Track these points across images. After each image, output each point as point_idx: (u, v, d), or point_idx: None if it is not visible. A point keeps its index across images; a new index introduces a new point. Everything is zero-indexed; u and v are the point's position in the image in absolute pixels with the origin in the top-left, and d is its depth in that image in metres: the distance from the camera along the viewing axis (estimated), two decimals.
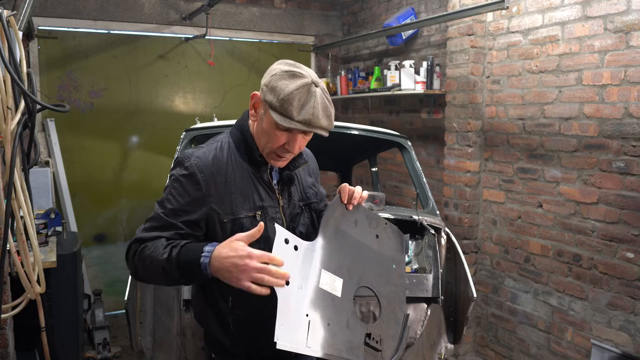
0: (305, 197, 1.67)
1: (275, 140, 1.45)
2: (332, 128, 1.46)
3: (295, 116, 1.37)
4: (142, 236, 1.44)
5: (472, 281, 2.43)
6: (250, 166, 1.53)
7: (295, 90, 1.37)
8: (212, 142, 1.55)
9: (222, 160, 1.49)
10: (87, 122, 4.44)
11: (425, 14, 4.15)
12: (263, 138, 1.48)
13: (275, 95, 1.38)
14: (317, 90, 1.40)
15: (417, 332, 2.42)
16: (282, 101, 1.37)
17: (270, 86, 1.40)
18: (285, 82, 1.39)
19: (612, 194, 2.81)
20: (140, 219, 4.77)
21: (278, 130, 1.43)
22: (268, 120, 1.43)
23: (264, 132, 1.47)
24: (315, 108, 1.38)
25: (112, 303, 4.32)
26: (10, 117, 1.77)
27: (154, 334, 2.36)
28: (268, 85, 1.42)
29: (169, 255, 1.35)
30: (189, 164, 1.46)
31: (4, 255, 1.77)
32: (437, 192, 3.92)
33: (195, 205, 1.45)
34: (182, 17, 4.60)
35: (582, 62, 2.91)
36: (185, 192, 1.45)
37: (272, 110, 1.39)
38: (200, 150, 1.51)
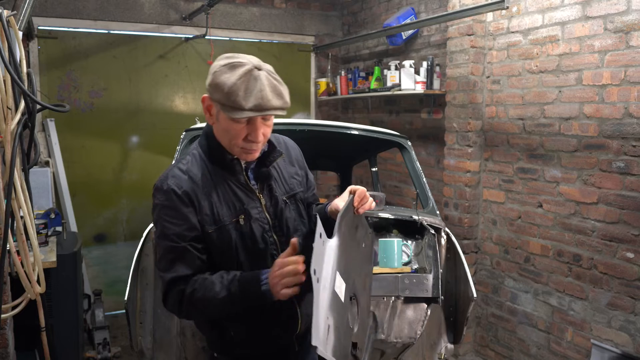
0: (288, 189, 1.63)
1: (236, 134, 1.44)
2: (288, 105, 1.44)
3: (245, 105, 1.35)
4: (172, 277, 1.44)
5: (472, 281, 2.43)
6: (225, 171, 1.51)
7: (237, 80, 1.36)
8: (183, 157, 1.55)
9: (197, 174, 1.49)
10: (87, 122, 4.44)
11: (425, 14, 4.15)
12: (225, 137, 1.47)
13: (221, 91, 1.37)
14: (261, 73, 1.38)
15: (417, 332, 2.42)
16: (228, 94, 1.35)
17: (214, 84, 1.39)
18: (226, 76, 1.37)
19: (612, 194, 2.81)
20: (140, 219, 4.80)
21: (235, 124, 1.42)
22: (223, 118, 1.43)
23: (224, 131, 1.46)
24: (262, 91, 1.36)
25: (112, 303, 4.32)
26: (10, 117, 1.77)
27: (154, 334, 2.36)
28: (211, 84, 1.40)
29: (229, 293, 1.40)
30: (167, 188, 1.45)
31: (4, 255, 1.77)
32: (437, 192, 3.92)
33: (191, 221, 1.45)
34: (182, 17, 4.60)
35: (582, 62, 2.91)
36: (177, 214, 1.45)
37: (222, 106, 1.39)
38: (174, 170, 1.50)
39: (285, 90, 1.43)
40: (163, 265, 1.46)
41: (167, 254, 1.46)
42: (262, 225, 1.52)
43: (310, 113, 5.39)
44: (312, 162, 4.35)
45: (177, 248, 1.44)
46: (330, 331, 1.32)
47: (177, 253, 1.44)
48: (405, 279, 2.34)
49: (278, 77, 1.43)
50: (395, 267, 2.32)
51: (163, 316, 2.34)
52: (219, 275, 1.44)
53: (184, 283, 1.44)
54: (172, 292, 1.45)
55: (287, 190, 1.62)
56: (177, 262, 1.44)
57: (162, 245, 1.47)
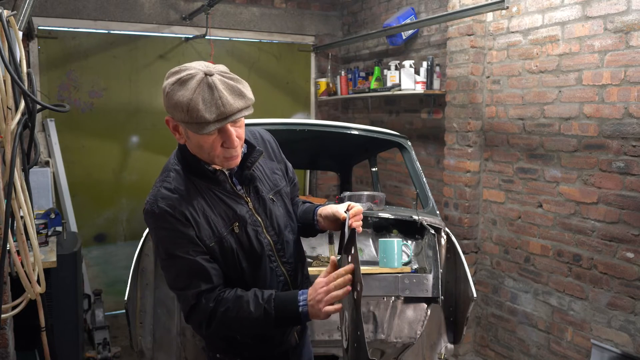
0: (273, 186, 1.61)
1: (211, 147, 1.38)
2: (252, 101, 1.36)
3: (209, 117, 1.29)
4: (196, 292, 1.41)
5: (472, 281, 2.43)
6: (209, 183, 1.48)
7: (192, 94, 1.29)
8: (165, 175, 1.48)
9: (183, 190, 1.44)
10: (87, 122, 4.44)
11: (425, 14, 4.15)
12: (201, 152, 1.42)
13: (180, 111, 1.30)
14: (213, 78, 1.30)
15: (417, 332, 2.42)
16: (189, 112, 1.29)
17: (172, 105, 1.32)
18: (180, 93, 1.30)
19: (612, 194, 2.81)
20: (140, 219, 4.74)
21: (207, 137, 1.36)
22: (192, 135, 1.37)
23: (197, 147, 1.40)
24: (221, 98, 1.29)
25: (112, 303, 4.32)
26: (10, 117, 1.77)
27: (154, 334, 2.36)
28: (169, 106, 1.34)
29: (264, 314, 1.39)
30: (160, 211, 1.40)
31: (4, 255, 1.77)
32: (437, 192, 3.92)
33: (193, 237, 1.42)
34: (182, 17, 4.60)
35: (582, 62, 2.91)
36: (177, 234, 1.41)
37: (186, 125, 1.33)
38: (161, 191, 1.43)
39: (244, 86, 1.35)
40: (181, 283, 1.43)
41: (182, 271, 1.42)
42: (255, 229, 1.51)
43: (310, 113, 5.39)
44: (312, 162, 4.37)
45: (191, 262, 1.41)
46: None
47: (192, 268, 1.41)
48: (405, 279, 2.34)
49: (233, 75, 1.36)
50: (395, 267, 2.32)
51: (163, 316, 2.34)
52: (253, 294, 1.42)
53: (209, 297, 1.41)
54: (199, 309, 1.42)
55: (272, 187, 1.60)
56: (195, 277, 1.41)
57: (172, 265, 1.43)
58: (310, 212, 1.70)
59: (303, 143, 3.14)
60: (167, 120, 1.43)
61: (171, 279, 1.46)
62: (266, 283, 1.53)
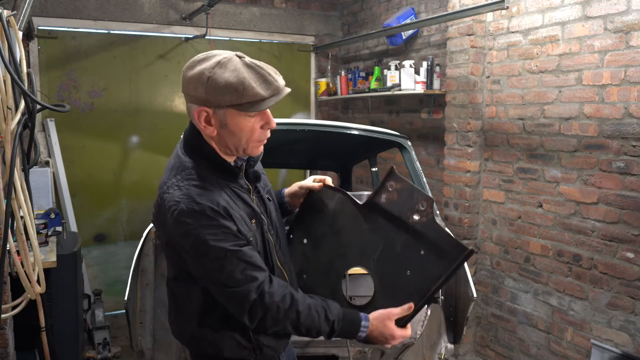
0: (264, 185, 1.62)
1: (252, 130, 1.38)
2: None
3: (264, 94, 1.30)
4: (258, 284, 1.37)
5: (472, 281, 2.43)
6: (228, 179, 1.45)
7: (242, 74, 1.28)
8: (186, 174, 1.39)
9: (212, 186, 1.39)
10: (87, 122, 4.44)
11: (425, 14, 4.15)
12: (235, 140, 1.39)
13: (232, 91, 1.28)
14: (247, 60, 1.33)
15: (417, 332, 2.42)
16: (244, 91, 1.28)
17: (219, 87, 1.29)
18: (227, 75, 1.29)
19: (612, 194, 2.81)
20: (141, 219, 4.79)
21: (250, 120, 1.36)
22: (235, 121, 1.35)
23: (233, 134, 1.38)
24: (270, 75, 1.31)
25: (112, 303, 4.32)
26: (10, 117, 1.77)
27: (154, 334, 2.36)
28: (210, 92, 1.30)
29: (332, 328, 1.45)
30: (200, 207, 1.32)
31: (4, 255, 1.77)
32: (437, 192, 3.92)
33: (235, 229, 1.38)
34: (182, 17, 4.60)
35: (582, 62, 2.91)
36: (222, 229, 1.35)
37: (238, 107, 1.31)
38: (191, 188, 1.36)
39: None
40: (239, 278, 1.35)
41: (238, 265, 1.35)
42: (263, 226, 1.52)
43: (310, 113, 5.39)
44: (312, 162, 4.37)
45: (244, 254, 1.36)
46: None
47: (246, 259, 1.36)
48: None
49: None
50: None
51: (163, 316, 2.34)
52: (321, 306, 1.45)
53: (271, 291, 1.38)
54: (264, 304, 1.37)
55: (264, 187, 1.62)
56: (251, 268, 1.36)
57: (225, 262, 1.34)
58: (277, 195, 1.75)
59: (303, 143, 3.13)
60: (198, 112, 1.35)
61: (225, 277, 1.35)
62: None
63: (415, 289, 1.50)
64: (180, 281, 1.52)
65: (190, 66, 1.35)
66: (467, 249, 1.43)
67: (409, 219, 1.51)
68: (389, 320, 1.47)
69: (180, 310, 1.56)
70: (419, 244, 1.50)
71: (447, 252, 1.46)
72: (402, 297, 1.52)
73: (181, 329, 1.57)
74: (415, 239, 1.51)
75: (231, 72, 1.29)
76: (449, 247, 1.46)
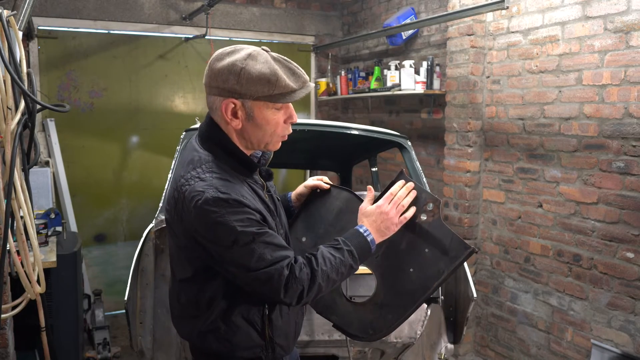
0: (271, 185, 1.64)
1: (277, 123, 1.42)
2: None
3: (295, 85, 1.36)
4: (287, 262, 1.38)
5: (472, 281, 2.43)
6: (244, 174, 1.47)
7: (273, 66, 1.34)
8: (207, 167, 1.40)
9: (234, 179, 1.40)
10: (87, 122, 4.43)
11: (425, 14, 4.15)
12: (260, 133, 1.42)
13: (265, 82, 1.33)
14: (273, 54, 1.40)
15: (417, 332, 2.42)
16: (277, 82, 1.33)
17: (253, 78, 1.33)
18: (259, 66, 1.33)
19: (612, 194, 2.81)
20: (141, 219, 4.79)
21: (276, 113, 1.40)
22: (263, 114, 1.38)
23: (259, 127, 1.41)
24: (297, 68, 1.38)
25: (112, 303, 4.32)
26: (10, 117, 1.77)
27: (154, 333, 2.36)
28: (242, 83, 1.34)
29: (352, 256, 1.47)
30: (227, 197, 1.33)
31: (4, 255, 1.77)
32: (437, 192, 3.92)
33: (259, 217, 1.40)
34: (182, 17, 4.60)
35: (582, 62, 2.91)
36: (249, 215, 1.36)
37: (269, 98, 1.35)
38: (213, 180, 1.36)
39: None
40: (269, 258, 1.36)
41: (267, 247, 1.36)
42: (277, 224, 1.53)
43: (310, 113, 5.39)
44: (312, 162, 4.36)
45: (271, 236, 1.38)
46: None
47: (274, 241, 1.38)
48: None
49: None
50: None
51: (163, 316, 2.34)
52: (323, 248, 1.47)
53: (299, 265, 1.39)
54: (296, 277, 1.38)
55: (271, 186, 1.64)
56: (278, 250, 1.38)
57: (254, 246, 1.35)
58: (284, 199, 1.80)
59: (303, 143, 3.13)
60: (226, 104, 1.37)
61: (256, 260, 1.35)
62: None
63: (418, 285, 1.55)
64: (196, 279, 1.49)
65: (219, 58, 1.39)
66: (470, 247, 1.50)
67: (416, 219, 1.57)
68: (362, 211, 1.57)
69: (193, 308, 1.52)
70: (424, 243, 1.57)
71: (450, 249, 1.53)
72: (405, 294, 1.57)
73: (194, 327, 1.53)
74: (421, 237, 1.58)
75: (263, 64, 1.34)
76: (453, 245, 1.53)
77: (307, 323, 2.25)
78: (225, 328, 1.48)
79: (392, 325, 1.61)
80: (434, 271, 1.54)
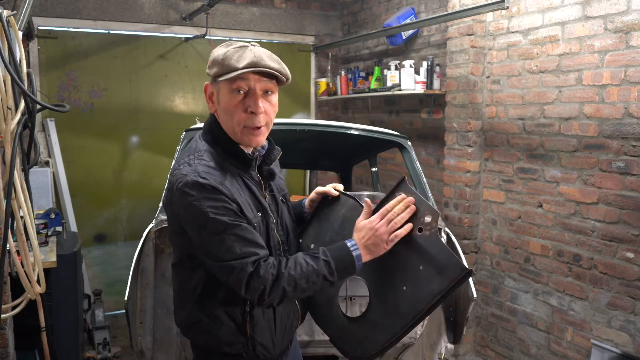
0: (281, 189, 1.66)
1: (237, 109, 1.43)
2: (287, 74, 1.46)
3: (238, 65, 1.38)
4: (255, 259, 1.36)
5: (472, 281, 2.43)
6: (240, 168, 1.49)
7: (232, 49, 1.41)
8: (199, 154, 1.46)
9: (221, 169, 1.44)
10: (87, 122, 4.44)
11: (425, 14, 4.15)
12: (229, 119, 1.45)
13: (216, 63, 1.42)
14: (255, 47, 1.44)
15: (417, 332, 2.42)
16: (223, 61, 1.40)
17: (211, 61, 1.44)
18: (222, 49, 1.44)
19: (612, 194, 2.81)
20: (141, 219, 4.79)
21: (234, 97, 1.42)
22: (223, 95, 1.44)
23: (226, 112, 1.44)
24: (255, 54, 1.40)
25: (112, 303, 4.32)
26: (10, 117, 1.77)
27: (154, 333, 2.35)
28: (209, 66, 1.45)
29: (326, 264, 1.40)
30: (206, 182, 1.37)
31: (4, 255, 1.77)
32: (437, 192, 3.92)
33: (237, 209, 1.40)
34: (182, 17, 4.60)
35: (582, 62, 2.91)
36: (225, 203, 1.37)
37: (219, 78, 1.41)
38: (199, 166, 1.41)
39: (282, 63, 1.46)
40: (237, 251, 1.36)
41: (235, 242, 1.36)
42: (271, 224, 1.53)
43: (310, 113, 5.39)
44: (312, 162, 4.36)
45: (244, 229, 1.38)
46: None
47: (246, 234, 1.38)
48: None
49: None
50: None
51: (163, 316, 2.34)
52: (302, 254, 1.44)
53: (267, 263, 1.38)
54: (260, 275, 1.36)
55: (280, 190, 1.65)
56: (250, 244, 1.38)
57: (225, 236, 1.36)
58: (298, 205, 1.79)
59: (303, 143, 3.13)
60: (206, 86, 1.50)
61: (224, 251, 1.37)
62: None
63: (410, 306, 1.44)
64: (182, 266, 1.53)
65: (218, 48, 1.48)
66: (467, 269, 1.37)
67: (412, 231, 1.46)
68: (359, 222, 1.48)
69: (182, 296, 1.57)
70: (419, 259, 1.45)
71: (446, 269, 1.39)
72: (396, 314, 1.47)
73: (182, 317, 1.57)
74: (416, 252, 1.46)
75: (227, 48, 1.43)
76: (449, 265, 1.39)
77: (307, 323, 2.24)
78: (207, 320, 1.50)
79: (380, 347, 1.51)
80: (426, 292, 1.41)
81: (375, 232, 1.42)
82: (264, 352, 1.54)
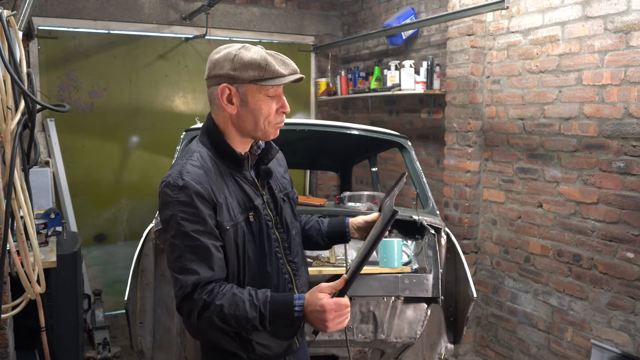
0: (282, 188, 1.67)
1: (269, 109, 1.48)
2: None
3: (283, 71, 1.43)
4: (194, 281, 1.37)
5: (472, 281, 2.43)
6: (232, 167, 1.51)
7: (264, 54, 1.44)
8: (189, 155, 1.49)
9: (209, 169, 1.46)
10: (87, 122, 4.44)
11: (425, 14, 4.15)
12: (259, 119, 1.47)
13: (255, 67, 1.41)
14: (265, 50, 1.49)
15: (417, 332, 2.42)
16: (266, 66, 1.41)
17: (244, 63, 1.42)
18: (250, 54, 1.43)
19: (612, 194, 2.81)
20: (141, 219, 4.80)
21: (267, 100, 1.46)
22: (254, 98, 1.45)
23: (252, 113, 1.46)
24: (285, 59, 1.47)
25: (112, 303, 4.32)
26: (10, 117, 1.77)
27: (154, 333, 2.36)
28: (236, 68, 1.42)
29: (261, 315, 1.37)
30: (184, 184, 1.39)
31: (4, 255, 1.77)
32: (437, 192, 3.92)
33: (210, 217, 1.42)
34: (182, 17, 4.60)
35: (582, 62, 2.91)
36: (196, 210, 1.39)
37: (259, 82, 1.42)
38: (186, 166, 1.44)
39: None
40: (180, 266, 1.39)
41: (186, 253, 1.39)
42: (267, 222, 1.54)
43: (310, 113, 5.39)
44: (312, 162, 4.36)
45: (198, 247, 1.39)
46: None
47: (197, 252, 1.39)
48: (405, 279, 2.34)
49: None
50: (395, 267, 2.31)
51: (163, 316, 2.34)
52: (247, 293, 1.39)
53: (205, 288, 1.38)
54: (192, 299, 1.38)
55: (282, 189, 1.66)
56: (197, 263, 1.38)
57: (178, 245, 1.39)
58: (340, 223, 1.78)
59: (303, 143, 3.14)
60: (221, 89, 1.45)
61: (173, 259, 1.41)
62: (272, 280, 1.53)
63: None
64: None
65: (217, 51, 1.49)
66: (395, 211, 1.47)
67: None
68: (318, 291, 1.38)
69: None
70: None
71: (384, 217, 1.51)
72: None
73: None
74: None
75: (255, 52, 1.44)
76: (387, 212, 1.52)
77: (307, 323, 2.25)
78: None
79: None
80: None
81: (324, 316, 1.35)
82: (265, 350, 1.55)
